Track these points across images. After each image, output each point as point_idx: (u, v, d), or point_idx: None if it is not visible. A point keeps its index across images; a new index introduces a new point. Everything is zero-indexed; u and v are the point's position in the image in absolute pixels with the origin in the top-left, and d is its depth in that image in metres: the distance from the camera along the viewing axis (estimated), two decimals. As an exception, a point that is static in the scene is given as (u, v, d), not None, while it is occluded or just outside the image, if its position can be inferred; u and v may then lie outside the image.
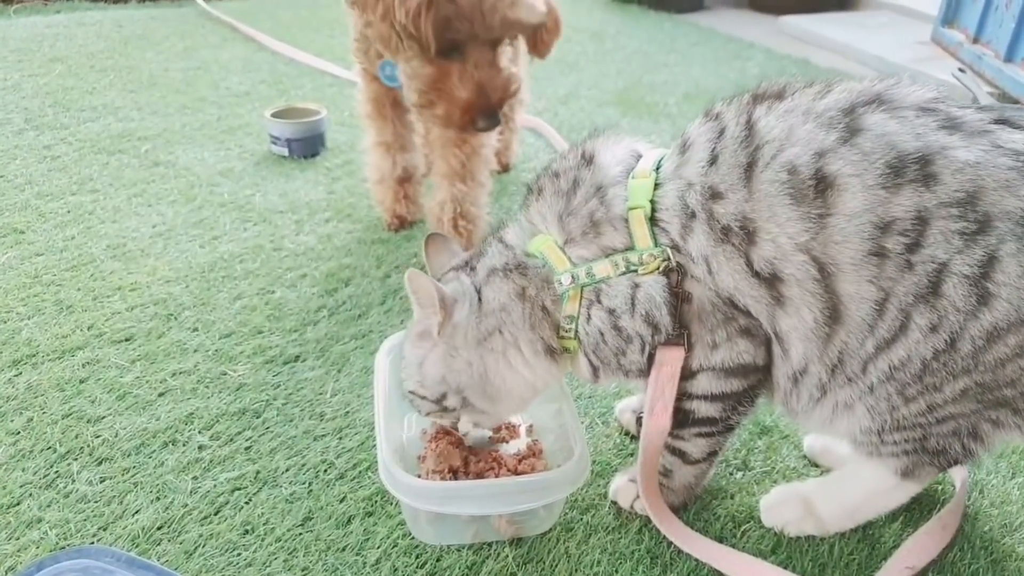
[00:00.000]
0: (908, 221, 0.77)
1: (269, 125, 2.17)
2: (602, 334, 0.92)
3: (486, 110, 1.37)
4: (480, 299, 0.95)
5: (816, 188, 0.79)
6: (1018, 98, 2.50)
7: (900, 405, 0.85)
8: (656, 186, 0.88)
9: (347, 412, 1.23)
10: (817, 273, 0.80)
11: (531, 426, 1.17)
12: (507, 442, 1.13)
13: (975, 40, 3.04)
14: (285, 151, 2.16)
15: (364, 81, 1.75)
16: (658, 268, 0.87)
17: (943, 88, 0.84)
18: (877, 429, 0.87)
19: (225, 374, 1.32)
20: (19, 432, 1.18)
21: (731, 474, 1.14)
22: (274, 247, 1.72)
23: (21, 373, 1.30)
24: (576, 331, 0.94)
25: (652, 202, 0.88)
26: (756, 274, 0.83)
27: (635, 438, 1.20)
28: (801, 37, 3.56)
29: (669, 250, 0.87)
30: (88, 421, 1.20)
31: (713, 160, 0.85)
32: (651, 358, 0.92)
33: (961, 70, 2.76)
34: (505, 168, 2.15)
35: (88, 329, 1.42)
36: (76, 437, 1.17)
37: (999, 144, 0.77)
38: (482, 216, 1.76)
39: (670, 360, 0.91)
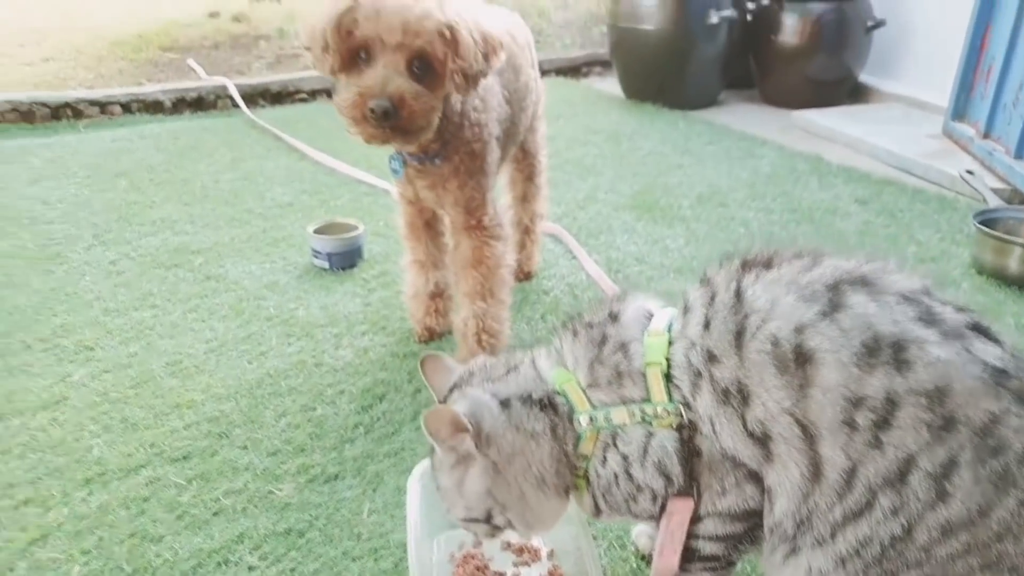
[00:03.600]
0: (878, 400, 0.85)
1: (311, 240, 2.36)
2: (616, 477, 1.02)
3: (380, 96, 1.44)
4: (505, 409, 1.03)
5: (796, 361, 0.88)
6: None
7: None
8: (670, 343, 0.99)
9: (382, 533, 1.36)
10: (801, 433, 0.89)
11: (552, 551, 1.28)
12: (529, 566, 1.24)
13: (985, 135, 3.17)
14: (326, 264, 2.34)
15: (401, 204, 1.94)
16: (671, 424, 0.97)
17: (928, 279, 0.92)
18: None
19: (272, 493, 1.46)
20: (90, 551, 1.32)
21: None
22: (315, 362, 1.88)
23: (92, 492, 1.46)
24: (587, 471, 1.05)
25: (667, 359, 0.98)
26: (750, 434, 0.92)
27: (651, 562, 1.30)
28: (814, 131, 3.71)
29: (682, 407, 0.97)
30: (151, 540, 1.34)
31: (707, 324, 0.96)
32: (663, 507, 1.01)
33: (969, 172, 2.88)
34: (527, 276, 2.31)
35: (150, 447, 1.58)
36: (141, 556, 1.31)
37: (971, 350, 0.85)
38: (504, 331, 1.90)
39: (680, 510, 1.00)
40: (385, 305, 2.15)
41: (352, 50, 1.48)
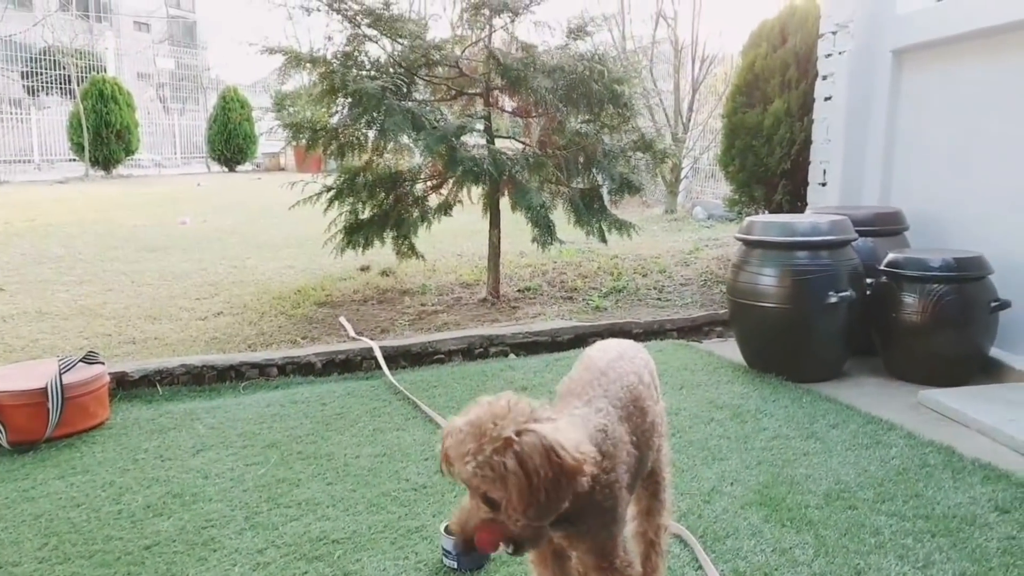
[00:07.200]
0: None
1: (443, 539, 2.49)
2: None
3: (460, 535, 1.64)
4: None
5: None
6: None
7: None
8: None
9: None
10: None
11: None
12: None
13: None
14: (455, 565, 2.45)
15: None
16: None
17: None
18: None
19: None
20: None
21: None
22: None
23: None
24: None
25: None
26: None
27: None
28: (943, 413, 3.62)
29: None
30: None
31: None
32: None
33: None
34: (653, 592, 2.31)
35: None
36: None
37: None
38: (631, 666, 1.90)
39: None
40: (510, 621, 2.21)
41: None
